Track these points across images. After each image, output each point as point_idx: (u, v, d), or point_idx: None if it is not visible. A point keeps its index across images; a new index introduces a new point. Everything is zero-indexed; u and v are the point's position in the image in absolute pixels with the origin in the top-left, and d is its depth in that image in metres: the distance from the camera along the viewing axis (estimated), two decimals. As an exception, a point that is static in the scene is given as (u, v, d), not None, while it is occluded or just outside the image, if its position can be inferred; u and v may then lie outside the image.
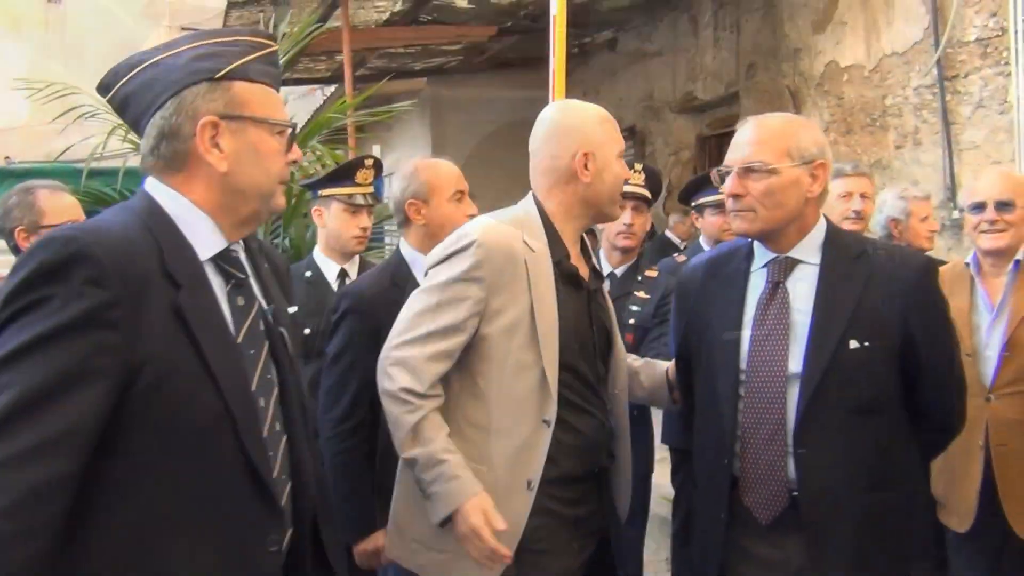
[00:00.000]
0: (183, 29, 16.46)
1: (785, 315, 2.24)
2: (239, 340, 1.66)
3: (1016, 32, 5.35)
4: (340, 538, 1.98)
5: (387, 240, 6.02)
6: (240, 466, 1.58)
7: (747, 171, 2.24)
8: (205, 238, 1.66)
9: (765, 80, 7.56)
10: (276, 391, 1.73)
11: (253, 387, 1.66)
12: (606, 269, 3.69)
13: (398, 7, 7.69)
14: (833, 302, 2.20)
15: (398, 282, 2.89)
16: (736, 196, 2.25)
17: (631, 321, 3.59)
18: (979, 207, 3.16)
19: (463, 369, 2.25)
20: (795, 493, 2.19)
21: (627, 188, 3.51)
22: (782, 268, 2.27)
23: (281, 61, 4.40)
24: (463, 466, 2.14)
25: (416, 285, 2.84)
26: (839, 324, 2.17)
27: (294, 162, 1.83)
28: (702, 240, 4.35)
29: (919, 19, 6.05)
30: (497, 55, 9.94)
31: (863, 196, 3.74)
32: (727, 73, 8.08)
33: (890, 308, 2.18)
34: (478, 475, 2.16)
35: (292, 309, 2.23)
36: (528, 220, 2.31)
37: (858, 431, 2.17)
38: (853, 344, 2.16)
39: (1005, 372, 3.00)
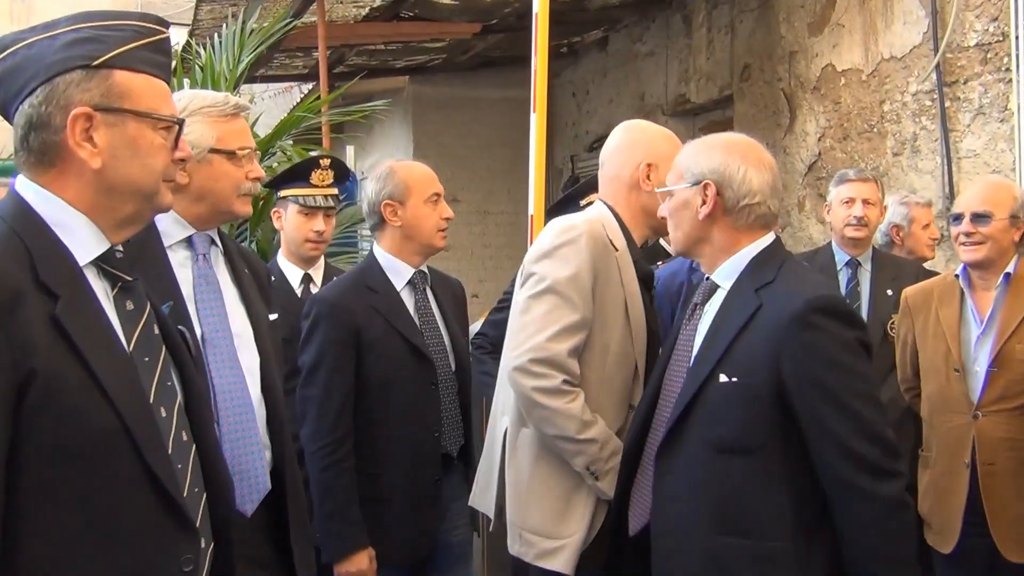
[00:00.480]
0: (153, 21, 16.46)
1: (691, 339, 2.33)
2: (130, 348, 1.61)
3: (1017, 38, 5.44)
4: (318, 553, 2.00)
5: (363, 245, 6.05)
6: (145, 484, 1.53)
7: (663, 193, 2.42)
8: (83, 241, 1.60)
9: (760, 83, 7.64)
10: (180, 398, 1.69)
11: (151, 398, 1.61)
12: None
13: (377, 2, 7.73)
14: (717, 333, 2.23)
15: (373, 287, 2.93)
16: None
17: None
18: (957, 218, 3.25)
19: None
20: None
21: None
22: (706, 291, 2.36)
23: (249, 57, 4.48)
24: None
25: (393, 290, 2.90)
26: (714, 356, 2.19)
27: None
28: None
29: (918, 22, 6.14)
30: (482, 53, 9.99)
31: (866, 202, 3.80)
32: (721, 75, 8.16)
33: (763, 346, 2.14)
34: None
35: (273, 316, 2.31)
36: (607, 221, 2.59)
37: (715, 469, 2.15)
38: (723, 378, 2.16)
39: (992, 388, 3.06)
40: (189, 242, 2.24)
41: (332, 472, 2.77)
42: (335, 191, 3.57)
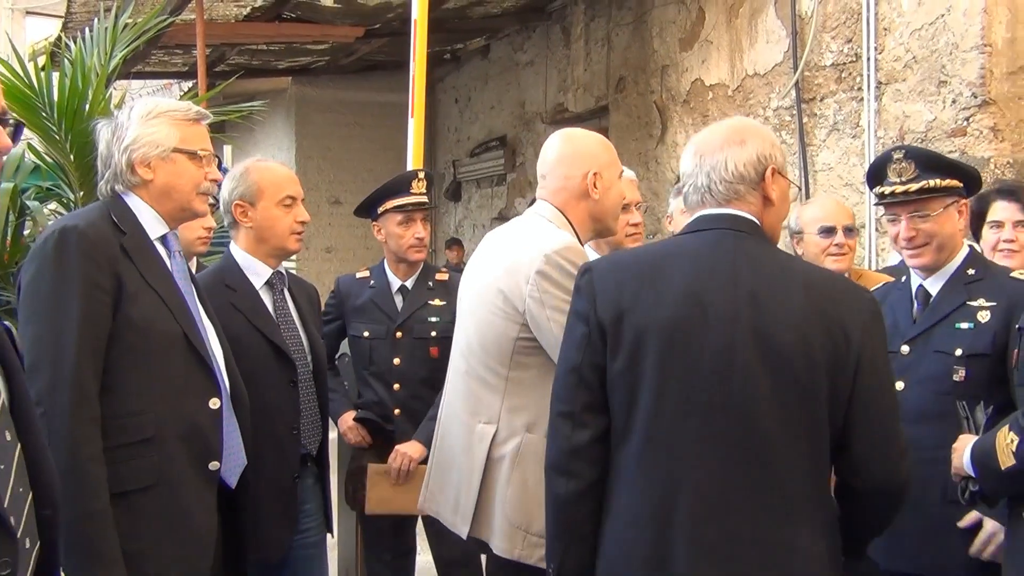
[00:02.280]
0: (28, 13, 15.83)
1: None
2: None
3: (868, 59, 5.70)
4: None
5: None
6: None
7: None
8: None
9: (634, 95, 7.79)
10: (3, 397, 1.68)
11: None
12: (395, 284, 3.72)
13: (259, 3, 7.59)
14: None
15: (232, 285, 2.90)
16: None
17: (433, 333, 3.62)
18: (829, 231, 3.39)
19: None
20: None
21: (412, 199, 3.60)
22: None
23: (122, 52, 4.33)
24: None
25: (252, 289, 2.85)
26: None
27: None
28: None
29: (780, 42, 6.36)
30: (366, 57, 9.92)
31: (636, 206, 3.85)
32: (597, 86, 8.29)
33: None
34: None
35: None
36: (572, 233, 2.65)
37: None
38: None
39: None
40: (163, 240, 2.42)
41: None
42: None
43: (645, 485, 1.95)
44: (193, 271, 3.50)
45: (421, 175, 3.71)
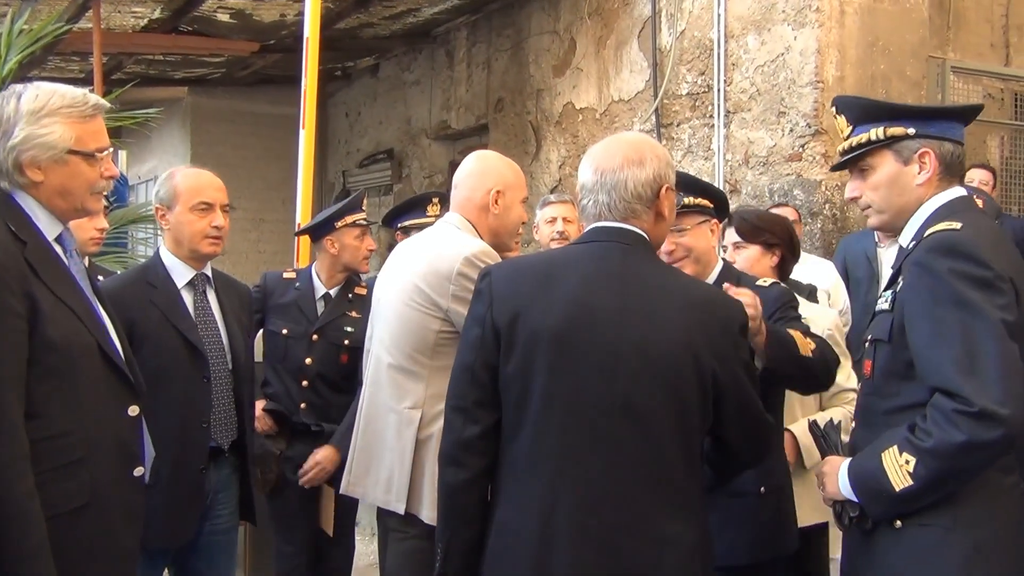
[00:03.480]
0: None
1: None
2: None
3: (718, 90, 6.07)
4: None
5: (136, 248, 5.91)
6: None
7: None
8: None
9: (511, 115, 8.03)
10: None
11: None
12: (320, 291, 3.82)
13: (156, 14, 7.54)
14: None
15: (153, 282, 2.92)
16: None
17: (346, 342, 3.74)
18: None
19: None
20: None
21: (362, 216, 3.80)
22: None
23: (17, 57, 4.31)
24: None
25: (173, 287, 2.89)
26: None
27: None
28: None
29: (642, 72, 6.69)
30: (260, 71, 9.89)
31: (566, 220, 4.17)
32: (478, 106, 8.50)
33: None
34: None
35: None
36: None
37: None
38: None
39: None
40: (59, 239, 2.19)
41: None
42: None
43: (533, 477, 2.00)
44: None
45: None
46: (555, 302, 2.01)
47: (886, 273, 5.35)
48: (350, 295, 3.85)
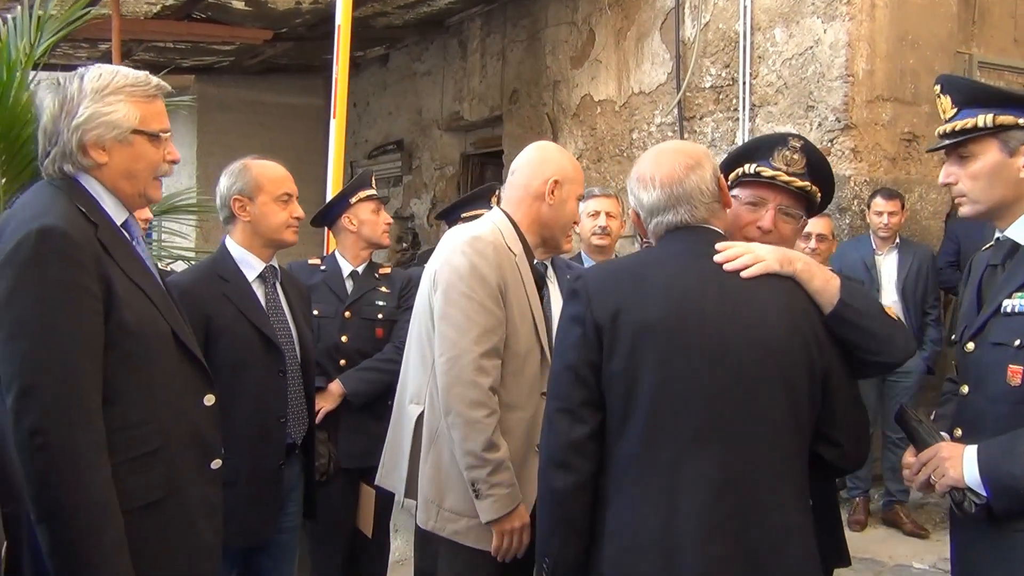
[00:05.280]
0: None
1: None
2: None
3: (744, 83, 5.88)
4: None
5: (153, 236, 5.69)
6: None
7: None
8: None
9: (527, 107, 7.82)
10: None
11: None
12: (346, 269, 3.75)
13: (170, 1, 7.29)
14: None
15: (224, 276, 2.82)
16: None
17: (379, 316, 3.69)
18: None
19: None
20: None
21: (376, 191, 3.80)
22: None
23: (49, 41, 4.08)
24: (514, 475, 2.42)
25: (244, 280, 2.77)
26: None
27: None
28: None
29: (664, 64, 6.50)
30: (270, 60, 9.65)
31: (608, 215, 3.99)
32: (492, 97, 8.29)
33: None
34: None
35: None
36: (505, 228, 2.60)
37: None
38: None
39: None
40: (126, 226, 2.08)
41: None
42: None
43: (647, 475, 1.89)
44: None
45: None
46: (656, 297, 1.93)
47: (888, 279, 5.26)
48: (376, 274, 3.79)
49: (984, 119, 2.01)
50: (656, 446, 1.89)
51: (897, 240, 5.21)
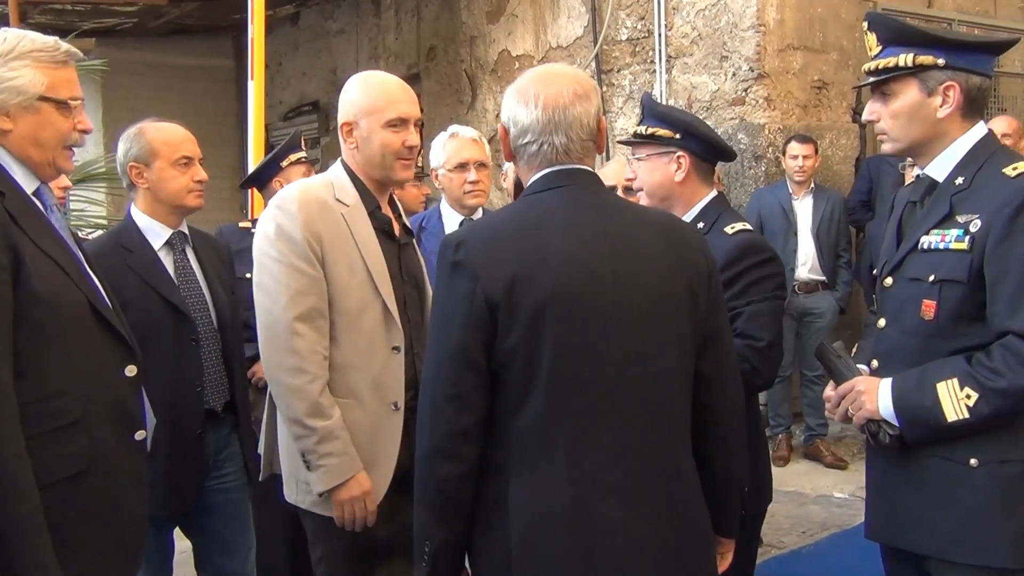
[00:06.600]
0: None
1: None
2: None
3: (659, 35, 5.92)
4: None
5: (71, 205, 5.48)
6: None
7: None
8: None
9: (444, 64, 7.74)
10: None
11: None
12: None
13: (68, -39, 6.97)
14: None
15: (128, 246, 2.71)
16: None
17: None
18: (627, 191, 3.44)
19: None
20: None
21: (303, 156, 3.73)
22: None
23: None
24: (350, 443, 2.29)
25: (150, 250, 2.67)
26: None
27: None
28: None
29: (580, 17, 6.49)
30: (175, 21, 9.32)
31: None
32: (409, 55, 8.18)
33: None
34: (348, 408, 2.30)
35: None
36: (337, 179, 2.44)
37: None
38: None
39: None
40: (38, 194, 2.01)
41: None
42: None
43: (551, 446, 1.81)
44: None
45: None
46: (549, 263, 1.80)
47: (803, 222, 5.39)
48: None
49: (905, 58, 2.03)
50: (559, 418, 1.81)
51: (812, 185, 5.35)
